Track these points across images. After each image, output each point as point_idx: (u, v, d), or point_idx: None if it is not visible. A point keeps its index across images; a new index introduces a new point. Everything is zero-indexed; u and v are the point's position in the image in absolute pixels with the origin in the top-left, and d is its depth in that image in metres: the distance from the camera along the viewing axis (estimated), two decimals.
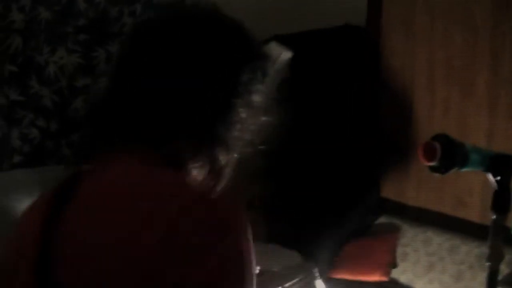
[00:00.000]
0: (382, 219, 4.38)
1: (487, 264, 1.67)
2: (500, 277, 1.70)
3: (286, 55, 4.02)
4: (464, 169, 1.69)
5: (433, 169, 1.69)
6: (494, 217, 1.66)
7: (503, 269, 3.59)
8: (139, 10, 4.69)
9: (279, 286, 3.02)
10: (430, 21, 4.20)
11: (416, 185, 4.36)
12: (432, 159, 1.66)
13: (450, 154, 1.65)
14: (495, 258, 1.66)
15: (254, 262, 1.18)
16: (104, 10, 4.55)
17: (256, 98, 1.35)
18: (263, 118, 1.38)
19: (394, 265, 4.10)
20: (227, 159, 1.33)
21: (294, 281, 3.50)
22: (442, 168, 1.67)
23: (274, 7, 4.75)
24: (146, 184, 1.22)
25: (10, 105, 4.37)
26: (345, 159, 4.40)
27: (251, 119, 1.35)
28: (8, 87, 4.35)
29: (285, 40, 4.25)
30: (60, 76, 4.54)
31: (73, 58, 4.57)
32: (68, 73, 4.57)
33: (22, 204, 4.86)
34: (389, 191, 4.51)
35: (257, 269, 1.22)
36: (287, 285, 3.21)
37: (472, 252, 3.86)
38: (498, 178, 1.67)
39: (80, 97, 4.63)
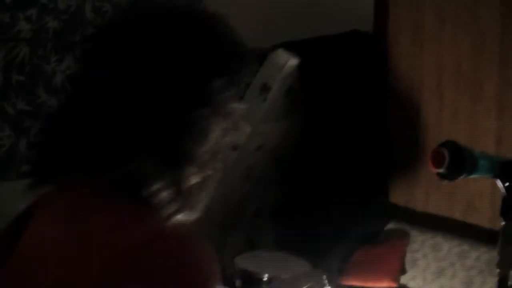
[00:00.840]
0: (391, 225, 4.36)
1: (497, 270, 1.66)
2: (510, 283, 1.69)
3: (292, 62, 4.02)
4: (473, 176, 1.68)
5: (441, 176, 1.68)
6: (503, 223, 1.65)
7: None
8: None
9: None
10: (438, 25, 4.18)
11: (425, 191, 4.33)
12: (440, 166, 1.66)
13: (458, 161, 1.65)
14: (505, 264, 1.65)
15: None
16: (111, 19, 4.56)
17: (232, 106, 1.20)
18: (245, 128, 1.23)
19: (403, 271, 4.08)
20: (199, 177, 1.18)
21: None
22: (450, 175, 1.67)
23: (282, 14, 4.74)
24: (88, 226, 1.10)
25: (17, 114, 4.37)
26: (353, 164, 4.38)
27: (227, 130, 1.19)
28: (15, 96, 4.35)
29: (292, 47, 4.24)
30: (67, 86, 4.54)
31: None
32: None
33: None
34: (398, 196, 4.49)
35: (265, 277, 1.21)
36: None
37: (482, 257, 3.84)
38: (507, 184, 1.66)
39: None
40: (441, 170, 1.65)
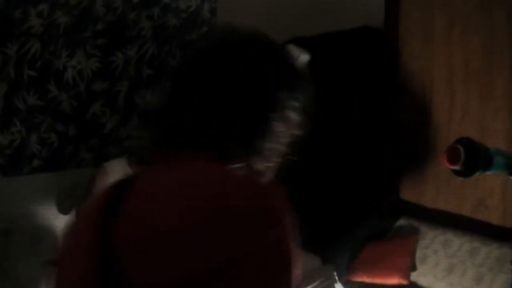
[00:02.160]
0: (401, 222, 4.36)
1: (510, 267, 1.66)
2: None
3: (304, 57, 4.02)
4: (488, 173, 1.67)
5: (456, 173, 1.67)
6: None
7: None
8: (156, 14, 4.70)
9: None
10: (448, 26, 4.18)
11: (435, 187, 4.33)
12: (456, 162, 1.65)
13: (474, 158, 1.64)
14: None
15: (299, 263, 1.25)
16: (122, 14, 4.56)
17: (291, 114, 1.47)
18: (297, 132, 1.50)
19: (413, 268, 4.08)
20: (263, 167, 1.47)
21: (314, 284, 3.50)
22: (466, 172, 1.66)
23: (294, 10, 4.74)
24: (202, 175, 1.34)
25: (28, 110, 4.39)
26: (364, 162, 4.38)
27: (286, 132, 1.48)
28: (27, 91, 4.36)
29: (304, 43, 4.24)
30: (78, 81, 4.56)
31: (91, 63, 4.59)
32: (86, 77, 4.59)
33: (42, 207, 4.88)
34: (408, 193, 4.49)
35: None
36: None
37: (492, 254, 3.83)
38: None
39: (98, 102, 4.65)
40: (456, 167, 1.63)
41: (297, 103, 1.49)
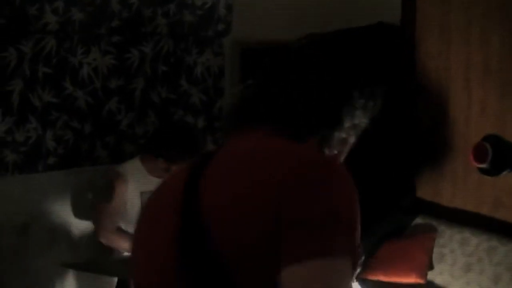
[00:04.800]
0: (418, 220, 4.33)
1: None
2: None
3: None
4: None
5: (483, 171, 1.65)
6: None
7: None
8: (172, 11, 4.69)
9: None
10: (466, 24, 4.15)
11: (452, 185, 4.30)
12: (483, 161, 1.62)
13: (502, 156, 1.61)
14: None
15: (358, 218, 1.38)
16: (137, 11, 4.55)
17: (358, 112, 1.63)
18: (359, 130, 1.66)
19: (430, 266, 4.05)
20: (329, 152, 1.62)
21: None
22: (493, 170, 1.63)
23: (309, 6, 4.72)
24: (272, 148, 1.50)
25: (44, 107, 4.39)
26: (381, 159, 4.36)
27: (353, 127, 1.64)
28: (42, 89, 4.36)
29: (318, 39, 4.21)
30: (94, 78, 4.55)
31: (106, 59, 4.59)
32: (102, 74, 4.58)
33: (58, 204, 4.89)
34: (425, 191, 4.46)
35: None
36: None
37: (510, 253, 3.80)
38: None
39: (114, 98, 4.64)
40: (483, 165, 1.61)
41: (367, 104, 1.64)
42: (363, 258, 1.67)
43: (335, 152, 1.65)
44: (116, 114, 4.67)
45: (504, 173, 1.63)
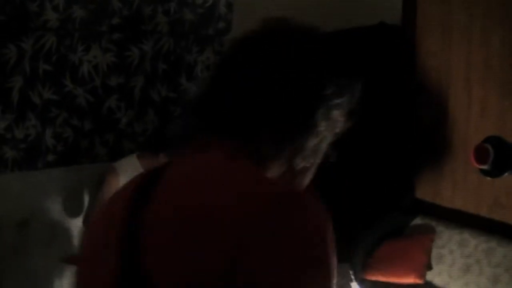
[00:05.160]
0: (417, 220, 4.33)
1: None
2: None
3: None
4: None
5: (485, 172, 1.64)
6: None
7: None
8: (173, 9, 4.69)
9: None
10: (468, 22, 4.14)
11: (451, 186, 4.30)
12: (484, 162, 1.62)
13: (503, 157, 1.61)
14: None
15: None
16: (138, 9, 4.55)
17: (335, 113, 1.43)
18: (338, 132, 1.46)
19: (429, 267, 4.05)
20: (303, 164, 1.44)
21: None
22: (494, 172, 1.63)
23: (310, 6, 4.72)
24: (227, 175, 1.32)
25: (43, 104, 4.38)
26: (381, 158, 4.36)
27: (329, 131, 1.44)
28: (42, 86, 4.36)
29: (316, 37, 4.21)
30: (94, 75, 4.55)
31: (107, 57, 4.58)
32: (102, 72, 4.58)
33: (57, 202, 4.89)
34: (424, 192, 4.46)
35: None
36: None
37: (509, 254, 3.80)
38: None
39: (113, 96, 4.64)
40: (484, 167, 1.60)
41: (343, 102, 1.43)
42: None
43: (308, 164, 1.46)
44: (116, 112, 4.67)
45: (506, 174, 1.63)
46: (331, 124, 1.43)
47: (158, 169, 1.40)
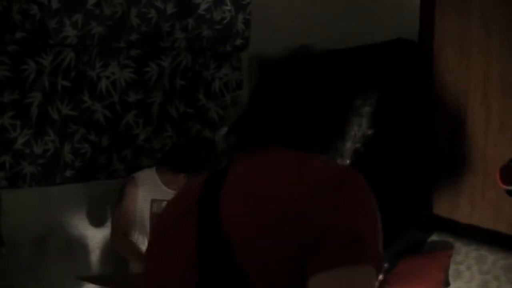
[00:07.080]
0: (435, 237, 4.32)
1: None
2: None
3: None
4: None
5: (511, 193, 1.64)
6: None
7: None
8: (191, 25, 4.70)
9: None
10: (485, 37, 4.14)
11: (470, 202, 4.28)
12: (511, 182, 1.61)
13: None
14: None
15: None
16: (156, 25, 4.57)
17: (364, 120, 1.68)
18: (367, 134, 1.69)
19: (446, 283, 4.04)
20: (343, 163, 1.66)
21: None
22: None
23: (327, 22, 4.73)
24: (290, 162, 1.50)
25: (62, 119, 4.40)
26: (398, 174, 4.35)
27: (359, 135, 1.67)
28: (61, 101, 4.38)
29: (338, 55, 4.22)
30: (112, 91, 4.57)
31: (125, 73, 4.60)
32: (120, 88, 4.60)
33: (75, 217, 4.90)
34: (442, 208, 4.45)
35: None
36: None
37: None
38: None
39: (131, 112, 4.66)
40: (511, 187, 1.60)
41: (368, 109, 1.68)
42: (386, 264, 1.68)
43: (348, 162, 1.68)
44: (134, 128, 4.68)
45: None
46: (362, 129, 1.68)
47: (222, 167, 1.57)
